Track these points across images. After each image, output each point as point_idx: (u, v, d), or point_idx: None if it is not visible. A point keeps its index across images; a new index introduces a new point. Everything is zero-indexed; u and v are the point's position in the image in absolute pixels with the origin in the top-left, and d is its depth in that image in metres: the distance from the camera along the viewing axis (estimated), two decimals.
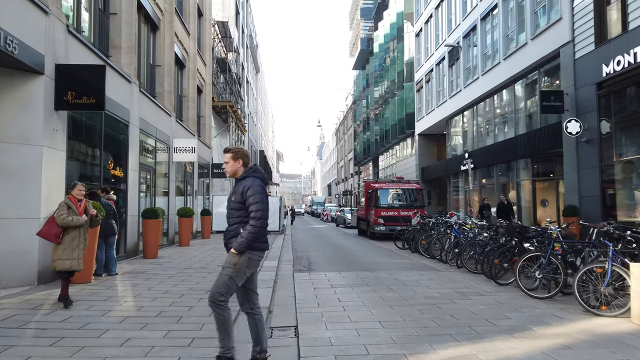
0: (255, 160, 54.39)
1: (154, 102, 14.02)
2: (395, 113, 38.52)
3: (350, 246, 16.95)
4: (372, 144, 48.99)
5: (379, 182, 21.79)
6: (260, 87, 63.09)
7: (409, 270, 10.27)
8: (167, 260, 11.27)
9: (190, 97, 19.57)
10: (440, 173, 29.68)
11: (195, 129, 20.03)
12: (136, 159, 12.09)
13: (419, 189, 20.42)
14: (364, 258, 12.79)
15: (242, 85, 39.19)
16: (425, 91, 32.18)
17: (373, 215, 19.80)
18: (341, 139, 79.53)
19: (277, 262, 11.55)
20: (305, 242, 18.74)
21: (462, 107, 25.70)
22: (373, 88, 48.16)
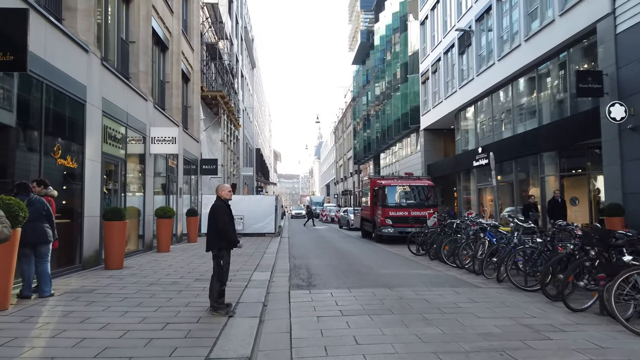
0: (252, 159, 52.10)
1: (124, 83, 11.80)
2: (398, 108, 36.35)
3: (357, 251, 14.74)
4: (372, 142, 46.81)
5: (386, 178, 19.59)
6: (257, 84, 60.85)
7: (438, 286, 8.06)
8: (133, 272, 9.04)
9: (174, 83, 17.35)
10: (449, 170, 27.50)
11: (180, 119, 17.79)
12: (97, 148, 9.86)
13: (432, 186, 18.21)
14: (377, 268, 10.58)
15: (237, 78, 36.93)
16: (432, 83, 30.00)
17: (380, 215, 17.59)
18: (340, 138, 77.32)
19: (270, 273, 9.34)
20: (304, 247, 16.51)
21: (474, 98, 23.52)
22: (374, 83, 45.97)
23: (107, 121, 10.55)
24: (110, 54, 11.88)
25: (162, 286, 7.52)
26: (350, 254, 14.01)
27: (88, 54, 9.45)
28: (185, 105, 20.68)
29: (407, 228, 16.59)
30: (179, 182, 17.39)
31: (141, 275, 8.59)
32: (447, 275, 9.35)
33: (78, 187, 9.16)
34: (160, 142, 13.70)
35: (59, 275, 8.22)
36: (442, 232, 12.22)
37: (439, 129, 30.50)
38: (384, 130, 41.55)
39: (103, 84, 10.26)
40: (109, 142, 10.69)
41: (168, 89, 17.22)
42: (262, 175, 65.62)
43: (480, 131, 24.12)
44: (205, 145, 23.04)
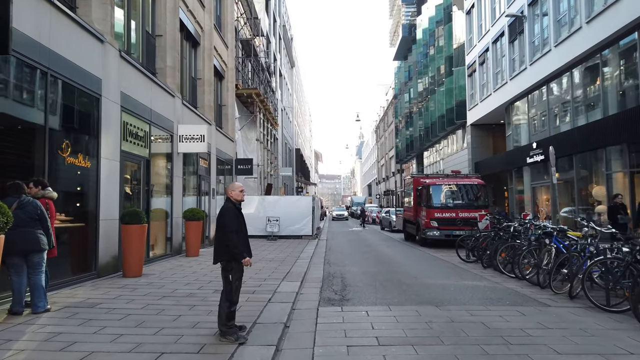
0: (291, 159, 51.49)
1: (148, 78, 11.10)
2: (442, 103, 34.60)
3: (399, 257, 13.49)
4: (415, 140, 45.08)
5: (431, 177, 18.16)
6: (296, 83, 60.28)
7: (496, 303, 6.76)
8: (150, 280, 8.23)
9: (205, 80, 16.67)
10: (499, 168, 25.62)
11: (213, 118, 17.10)
12: (115, 146, 9.16)
13: (482, 184, 16.64)
14: (421, 277, 9.33)
15: (274, 77, 36.32)
16: (479, 75, 28.17)
17: (424, 217, 16.23)
18: (381, 137, 75.65)
19: (300, 283, 8.30)
20: (341, 251, 15.41)
21: (527, 89, 21.65)
22: (416, 79, 44.22)
23: (128, 117, 9.85)
24: (133, 47, 11.22)
25: (176, 299, 6.63)
26: (391, 259, 12.79)
27: (104, 45, 8.74)
28: (219, 104, 20.06)
29: (455, 231, 15.18)
30: (211, 182, 16.70)
31: (157, 285, 7.76)
32: (506, 288, 7.99)
33: (93, 187, 8.45)
34: (188, 141, 12.97)
35: (70, 285, 7.51)
36: (496, 236, 10.79)
37: (487, 124, 28.62)
38: (427, 128, 39.83)
39: (122, 78, 9.56)
40: (130, 140, 9.98)
41: (200, 86, 16.56)
42: (302, 176, 64.99)
43: (534, 125, 22.22)
44: (241, 145, 22.37)
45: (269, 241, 18.64)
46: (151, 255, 11.40)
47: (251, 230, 20.53)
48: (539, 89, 21.15)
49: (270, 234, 19.47)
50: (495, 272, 9.77)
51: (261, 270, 9.77)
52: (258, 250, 14.60)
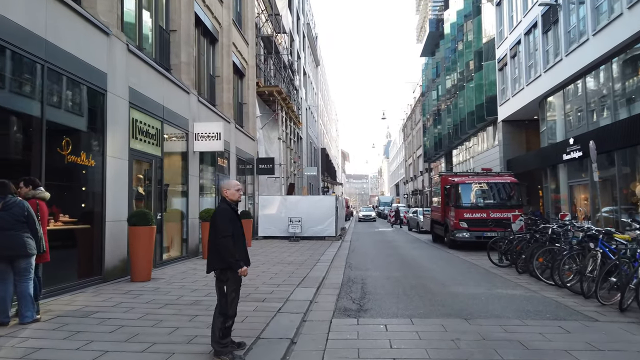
0: (317, 158, 50.94)
1: (160, 74, 10.68)
2: (471, 99, 33.38)
3: (425, 260, 12.70)
4: (444, 137, 43.83)
5: (460, 175, 17.24)
6: (321, 82, 59.73)
7: (534, 317, 5.97)
8: (157, 285, 7.76)
9: (224, 77, 16.26)
10: (533, 165, 24.37)
11: (232, 116, 16.67)
12: (123, 144, 8.74)
13: (516, 183, 15.63)
14: (450, 284, 8.56)
15: (298, 75, 35.83)
16: (511, 68, 26.93)
17: (453, 217, 15.35)
18: (409, 135, 74.35)
19: (316, 290, 7.68)
20: (365, 253, 14.70)
21: (562, 81, 20.43)
22: (444, 75, 42.99)
23: (137, 114, 9.43)
24: (145, 42, 10.84)
25: (178, 308, 6.10)
26: (417, 263, 12.01)
27: (109, 38, 8.33)
28: (239, 102, 19.66)
29: (486, 232, 14.25)
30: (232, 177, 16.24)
31: (163, 291, 7.27)
32: (545, 297, 7.16)
33: (98, 187, 8.04)
34: (203, 139, 12.53)
35: (72, 290, 7.10)
36: (532, 239, 9.90)
37: (519, 120, 27.36)
38: (456, 125, 38.60)
39: (131, 73, 9.15)
40: (140, 138, 9.57)
41: (218, 84, 16.16)
42: (328, 176, 64.39)
43: (570, 120, 20.97)
44: (263, 144, 21.91)
45: (291, 242, 18.09)
46: (165, 257, 11.00)
47: (273, 231, 20.27)
48: (575, 82, 19.92)
49: (293, 235, 18.92)
50: (531, 279, 8.90)
51: (277, 275, 9.20)
52: (278, 252, 14.06)
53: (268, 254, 13.47)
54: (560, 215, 13.55)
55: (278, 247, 16.06)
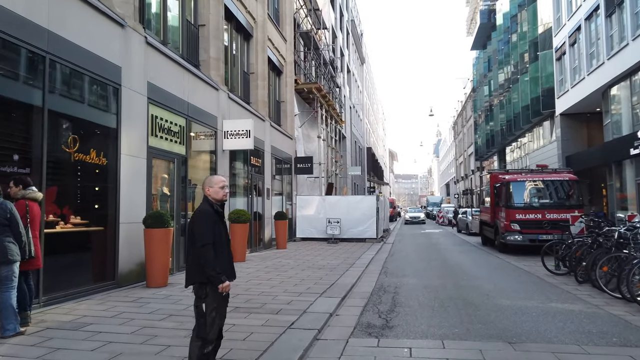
0: (362, 158, 49.93)
1: (184, 68, 10.24)
2: (526, 93, 31.32)
3: (471, 266, 11.57)
4: (496, 134, 41.61)
5: (511, 172, 15.83)
6: (367, 80, 58.63)
7: (598, 340, 4.89)
8: (170, 293, 7.23)
9: (259, 73, 15.75)
10: (595, 162, 22.33)
11: (267, 114, 16.13)
12: (140, 141, 8.31)
13: (575, 180, 14.09)
14: (495, 295, 7.50)
15: (342, 73, 35.04)
16: (569, 57, 24.89)
17: (503, 218, 14.05)
18: (459, 133, 71.74)
19: (341, 299, 6.88)
20: (405, 257, 13.70)
21: (629, 69, 18.45)
22: (497, 69, 40.78)
23: (157, 110, 9.00)
24: (170, 35, 10.44)
25: (180, 320, 5.50)
26: (461, 269, 10.92)
27: (124, 30, 7.91)
28: (277, 100, 19.15)
29: (541, 235, 12.90)
30: (265, 182, 15.72)
31: (173, 300, 6.72)
32: (611, 315, 6.00)
33: (112, 187, 7.62)
34: (233, 137, 12.02)
35: (79, 297, 6.69)
36: (595, 243, 8.62)
37: (580, 113, 25.26)
38: (509, 120, 36.46)
39: (150, 67, 8.72)
40: (161, 136, 9.13)
41: (253, 81, 15.67)
42: (374, 175, 63.15)
43: (638, 112, 18.93)
44: (301, 143, 21.30)
45: (329, 244, 17.36)
46: None
47: (312, 233, 19.57)
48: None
49: (331, 236, 18.17)
50: (593, 290, 7.68)
51: (302, 281, 8.47)
52: (313, 255, 13.36)
53: (300, 257, 12.79)
54: (628, 217, 12.01)
55: (314, 249, 15.36)
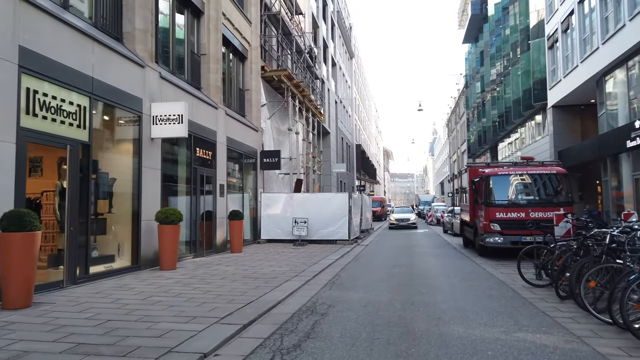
0: (350, 155, 48.19)
1: (91, 39, 8.47)
2: (518, 86, 29.64)
3: (439, 275, 9.83)
4: (488, 130, 39.94)
5: (492, 166, 14.11)
6: (356, 75, 56.85)
7: None
8: (44, 311, 5.48)
9: (211, 55, 14.00)
10: (589, 156, 20.65)
11: (221, 100, 14.37)
12: (5, 121, 6.55)
13: (564, 174, 12.35)
14: (448, 320, 5.71)
15: (326, 65, 33.29)
16: (562, 45, 23.20)
17: (482, 218, 12.33)
18: (453, 130, 70.13)
19: (242, 328, 5.14)
20: (369, 263, 11.97)
21: (625, 53, 16.75)
22: (489, 63, 39.05)
23: (37, 83, 7.22)
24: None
25: None
26: (424, 279, 9.18)
27: None
28: (240, 88, 17.41)
29: (525, 237, 11.18)
30: (218, 177, 13.96)
31: (54, 314, 4.97)
32: (596, 355, 4.27)
33: None
34: (163, 123, 10.27)
35: None
36: (581, 249, 6.88)
37: (573, 105, 23.59)
38: (501, 116, 34.81)
39: (26, 29, 6.96)
40: (44, 116, 7.35)
41: (204, 63, 13.92)
42: (365, 174, 61.41)
43: (636, 100, 17.24)
44: (271, 136, 19.56)
45: (295, 247, 15.64)
46: (103, 269, 8.82)
47: (278, 234, 16.51)
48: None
49: (298, 238, 16.44)
50: (578, 310, 5.94)
51: (217, 298, 6.71)
52: (266, 260, 11.64)
53: (248, 263, 11.06)
54: (624, 215, 10.32)
55: (273, 252, 13.65)
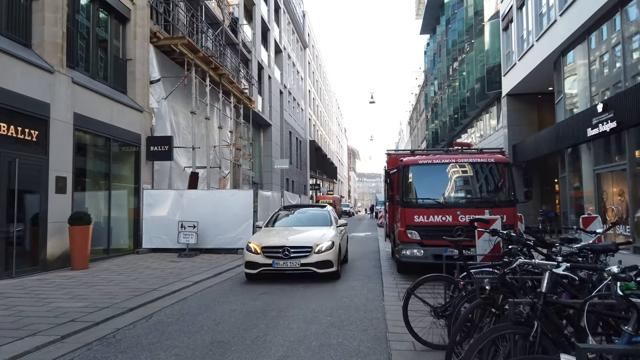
0: (301, 152, 44.79)
1: None
2: (472, 74, 26.97)
3: (304, 316, 6.47)
4: (445, 126, 37.38)
5: (417, 153, 10.94)
6: (312, 67, 53.55)
7: None
8: None
9: (47, 1, 10.33)
10: (545, 149, 17.96)
11: (61, 62, 10.68)
12: None
13: (505, 162, 9.18)
14: None
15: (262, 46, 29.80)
16: (517, 24, 20.48)
17: (399, 222, 9.17)
18: (414, 128, 67.88)
19: None
20: (237, 285, 8.59)
21: (587, 23, 13.98)
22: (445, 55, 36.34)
23: None
24: None
25: None
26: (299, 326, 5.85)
27: None
28: (118, 57, 13.81)
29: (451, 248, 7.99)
30: (51, 167, 10.28)
31: None
32: None
33: None
34: None
35: None
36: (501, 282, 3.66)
37: (529, 94, 20.97)
38: (456, 110, 32.21)
39: None
40: None
41: (36, 11, 10.29)
42: (323, 173, 58.21)
43: (598, 78, 14.52)
44: (167, 120, 15.98)
45: (180, 258, 12.20)
46: None
47: (165, 242, 11.00)
48: (606, 21, 13.48)
49: (185, 246, 12.94)
50: None
51: None
52: (101, 284, 8.16)
53: (65, 288, 7.55)
54: (583, 221, 7.30)
55: (134, 268, 10.20)
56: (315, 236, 9.16)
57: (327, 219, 10.65)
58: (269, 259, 8.58)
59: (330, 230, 9.76)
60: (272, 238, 9.25)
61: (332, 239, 9.05)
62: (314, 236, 9.18)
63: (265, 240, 9.00)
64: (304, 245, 8.74)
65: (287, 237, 9.17)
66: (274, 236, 9.46)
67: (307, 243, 8.78)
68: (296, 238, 9.21)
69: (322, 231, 9.56)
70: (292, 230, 10.07)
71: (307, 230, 9.91)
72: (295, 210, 12.24)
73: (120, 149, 13.50)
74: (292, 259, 8.53)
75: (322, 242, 8.82)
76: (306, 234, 9.57)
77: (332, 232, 9.51)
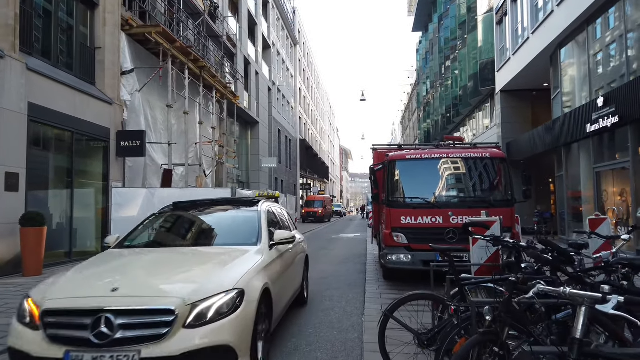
0: (291, 151, 43.81)
1: None
2: (465, 70, 26.20)
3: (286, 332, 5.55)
4: (437, 125, 36.64)
5: (406, 148, 10.08)
6: (303, 65, 52.60)
7: None
8: None
9: None
10: (540, 147, 17.17)
11: (12, 47, 9.65)
12: None
13: (501, 158, 8.29)
14: None
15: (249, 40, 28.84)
16: (511, 17, 19.69)
17: (384, 224, 8.28)
18: (407, 127, 67.17)
19: None
20: None
21: (584, 14, 13.19)
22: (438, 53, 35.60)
23: None
24: None
25: None
26: None
27: None
28: (85, 44, 12.80)
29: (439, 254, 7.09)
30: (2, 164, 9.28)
31: None
32: None
33: None
34: None
35: None
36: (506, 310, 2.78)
37: (524, 90, 20.18)
38: (448, 107, 31.44)
39: None
40: None
41: None
42: (313, 172, 57.32)
43: (597, 72, 13.74)
44: (142, 114, 14.99)
45: None
46: None
47: None
48: (605, 12, 12.69)
49: None
50: None
51: None
52: None
53: None
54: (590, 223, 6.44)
55: None
56: (198, 277, 3.76)
57: (252, 232, 4.87)
58: (59, 345, 3.19)
59: (247, 258, 4.24)
60: (87, 282, 3.81)
61: (243, 282, 3.66)
62: (193, 277, 3.79)
63: (64, 291, 3.59)
64: (155, 306, 3.28)
65: (121, 282, 3.59)
66: (94, 277, 3.95)
67: (163, 299, 3.36)
68: (143, 284, 3.66)
69: (226, 262, 4.11)
70: (151, 259, 4.39)
71: (190, 259, 4.37)
72: (194, 210, 5.94)
73: (87, 144, 12.49)
74: (119, 345, 3.10)
75: (211, 292, 3.43)
76: (179, 270, 4.02)
77: (248, 264, 4.06)
